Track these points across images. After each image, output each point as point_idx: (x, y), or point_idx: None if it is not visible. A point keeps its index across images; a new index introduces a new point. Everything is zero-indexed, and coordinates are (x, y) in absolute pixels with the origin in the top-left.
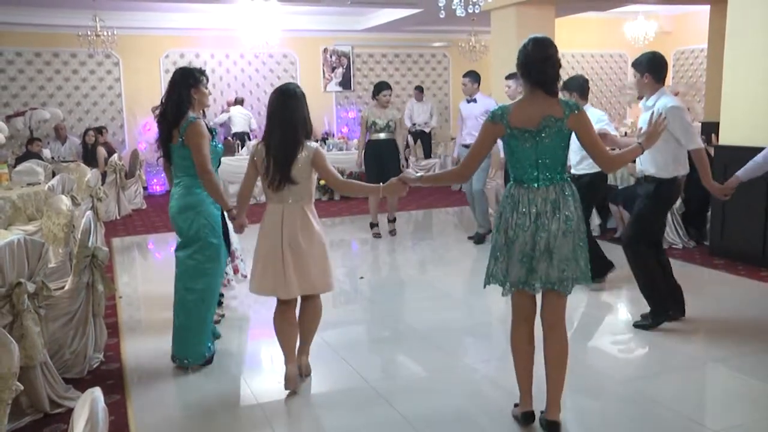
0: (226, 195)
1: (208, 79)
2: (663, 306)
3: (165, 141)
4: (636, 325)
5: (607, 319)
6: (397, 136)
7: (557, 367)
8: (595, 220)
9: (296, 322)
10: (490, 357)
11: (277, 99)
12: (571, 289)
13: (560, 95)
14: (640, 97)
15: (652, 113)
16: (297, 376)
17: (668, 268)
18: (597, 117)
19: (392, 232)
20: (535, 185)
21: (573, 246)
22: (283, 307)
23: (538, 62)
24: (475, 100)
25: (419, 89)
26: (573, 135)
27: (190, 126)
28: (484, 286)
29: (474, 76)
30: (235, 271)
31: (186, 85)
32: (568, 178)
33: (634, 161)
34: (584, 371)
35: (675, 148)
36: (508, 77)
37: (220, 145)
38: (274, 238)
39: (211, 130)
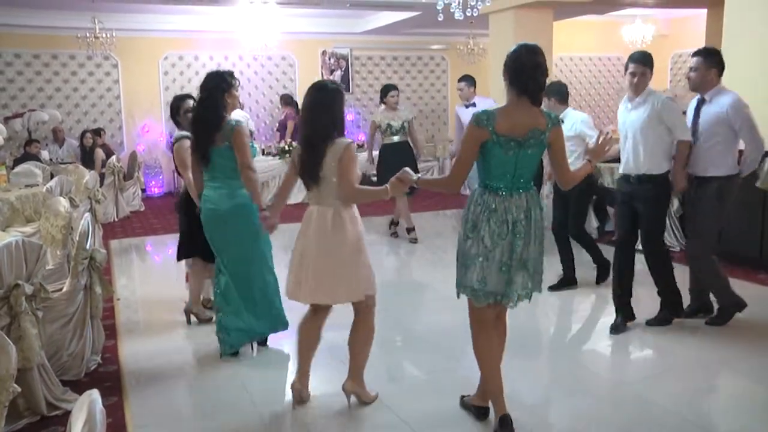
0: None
1: (239, 83)
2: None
3: (204, 144)
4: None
5: (606, 321)
6: (412, 137)
7: (498, 357)
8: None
9: (316, 334)
10: None
11: (308, 94)
12: (539, 288)
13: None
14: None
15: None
16: (301, 392)
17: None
18: (580, 118)
19: (413, 240)
20: (510, 194)
21: (540, 254)
22: (309, 314)
23: (529, 70)
24: (474, 104)
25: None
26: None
27: (237, 129)
28: (458, 297)
29: (469, 81)
30: None
31: (221, 89)
32: (534, 187)
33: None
34: (583, 374)
35: (669, 143)
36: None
37: (254, 146)
38: (301, 239)
39: (250, 132)
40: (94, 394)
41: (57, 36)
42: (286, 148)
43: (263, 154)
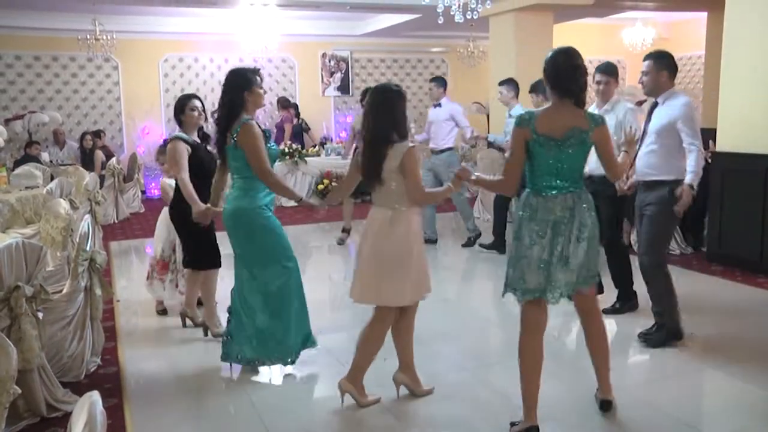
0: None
1: (262, 79)
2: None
3: (221, 144)
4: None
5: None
6: None
7: (599, 346)
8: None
9: (409, 328)
10: (489, 363)
11: (369, 96)
12: (592, 282)
13: (530, 97)
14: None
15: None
16: (403, 384)
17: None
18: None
19: (341, 242)
20: (553, 193)
21: (587, 252)
22: (399, 312)
23: (569, 73)
24: (440, 105)
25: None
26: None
27: (243, 127)
28: (503, 296)
29: (440, 81)
30: (176, 285)
31: (238, 87)
32: (583, 187)
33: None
34: (583, 378)
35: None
36: (501, 83)
37: (274, 147)
38: (361, 239)
39: (264, 132)
40: (95, 396)
41: (57, 38)
42: (286, 150)
43: None
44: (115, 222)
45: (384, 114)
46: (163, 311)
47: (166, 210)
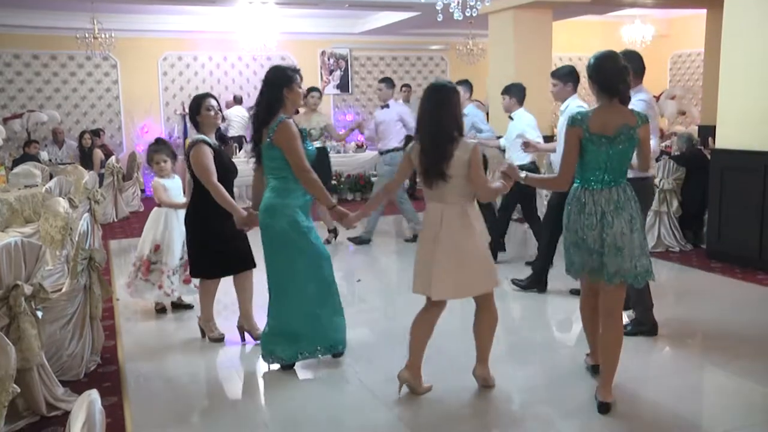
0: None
1: (302, 78)
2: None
3: (256, 142)
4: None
5: None
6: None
7: (610, 351)
8: None
9: (431, 328)
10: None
11: (428, 95)
12: (647, 278)
13: (501, 99)
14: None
15: None
16: (408, 381)
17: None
18: (526, 121)
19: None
20: (600, 187)
21: (640, 242)
22: (428, 306)
23: (617, 75)
24: (388, 106)
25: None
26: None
27: (280, 126)
28: (567, 272)
29: (389, 83)
30: (159, 286)
31: (278, 84)
32: (627, 181)
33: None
34: (582, 374)
35: None
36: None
37: (311, 147)
38: (429, 237)
39: (301, 131)
40: (94, 395)
41: (56, 36)
42: None
43: None
44: (115, 221)
45: (446, 112)
46: (162, 309)
47: (156, 210)
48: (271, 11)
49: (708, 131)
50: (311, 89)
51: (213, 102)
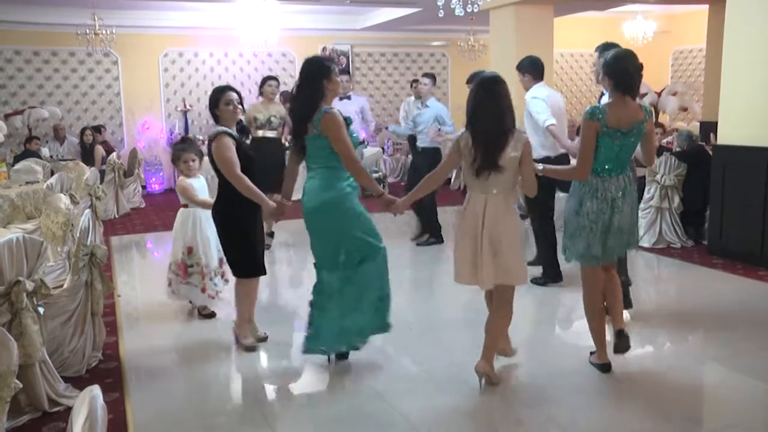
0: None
1: (338, 67)
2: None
3: (299, 133)
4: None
5: None
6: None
7: (615, 294)
8: None
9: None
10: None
11: (482, 86)
12: (635, 245)
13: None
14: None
15: None
16: (488, 373)
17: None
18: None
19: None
20: (610, 175)
21: (635, 220)
22: (490, 300)
23: (636, 73)
24: (349, 98)
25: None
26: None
27: (325, 117)
28: (567, 261)
29: (348, 76)
30: (203, 290)
31: (319, 76)
32: (630, 169)
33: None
34: (582, 369)
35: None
36: (425, 75)
37: (355, 134)
38: (474, 227)
39: (346, 120)
40: (96, 390)
41: (57, 32)
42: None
43: None
44: (116, 217)
45: (504, 103)
46: (210, 314)
47: (183, 211)
48: (272, 7)
49: (710, 127)
50: (268, 78)
51: (233, 95)
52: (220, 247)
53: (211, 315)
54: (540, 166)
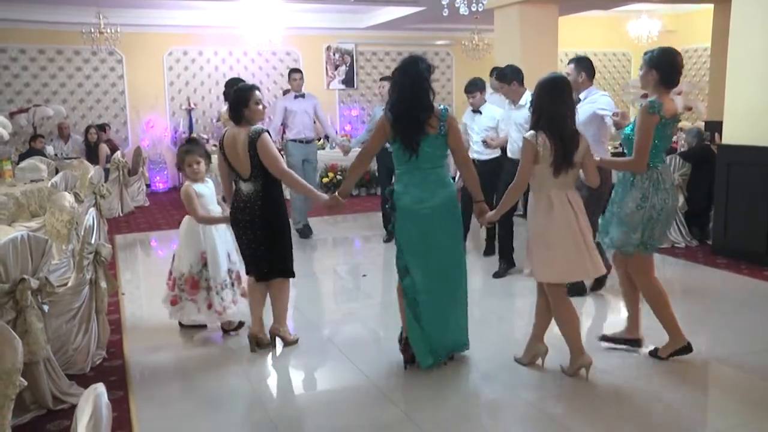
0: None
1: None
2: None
3: (413, 134)
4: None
5: (607, 319)
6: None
7: (635, 295)
8: None
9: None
10: (490, 354)
11: (548, 88)
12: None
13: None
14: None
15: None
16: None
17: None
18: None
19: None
20: (664, 164)
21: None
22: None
23: (680, 69)
24: (303, 96)
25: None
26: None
27: (451, 116)
28: (631, 255)
29: (301, 73)
30: (209, 306)
31: (424, 73)
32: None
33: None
34: (592, 371)
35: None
36: (383, 79)
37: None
38: (569, 222)
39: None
40: (100, 388)
41: (61, 31)
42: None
43: None
44: (120, 215)
45: (572, 104)
46: (238, 326)
47: (188, 219)
48: (276, 6)
49: (714, 127)
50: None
51: (260, 94)
52: (232, 257)
53: (239, 326)
54: (597, 158)
